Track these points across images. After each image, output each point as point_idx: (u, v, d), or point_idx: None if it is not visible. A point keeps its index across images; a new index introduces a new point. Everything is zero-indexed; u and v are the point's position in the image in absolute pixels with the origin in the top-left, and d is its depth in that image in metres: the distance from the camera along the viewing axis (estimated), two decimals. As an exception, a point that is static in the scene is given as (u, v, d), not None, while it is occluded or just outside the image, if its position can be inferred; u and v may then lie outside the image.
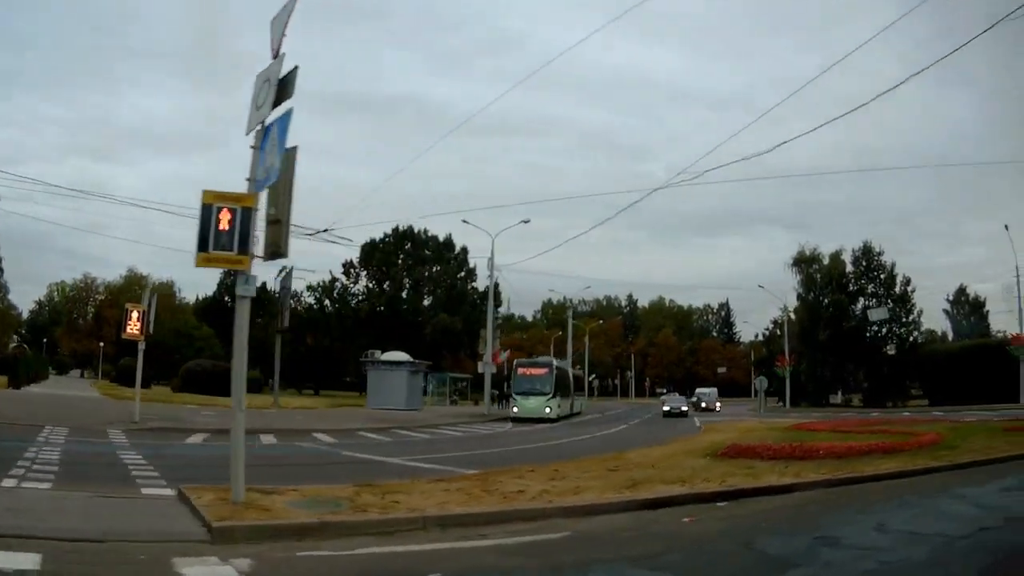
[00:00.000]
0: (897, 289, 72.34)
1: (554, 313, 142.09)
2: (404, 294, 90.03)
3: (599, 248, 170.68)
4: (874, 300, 71.68)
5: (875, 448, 17.55)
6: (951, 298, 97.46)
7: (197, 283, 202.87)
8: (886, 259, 73.12)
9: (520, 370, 47.90)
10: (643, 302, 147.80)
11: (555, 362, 49.20)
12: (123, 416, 28.06)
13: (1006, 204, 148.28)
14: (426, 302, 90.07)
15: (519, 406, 44.94)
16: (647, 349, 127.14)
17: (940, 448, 18.24)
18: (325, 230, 34.02)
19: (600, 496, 11.92)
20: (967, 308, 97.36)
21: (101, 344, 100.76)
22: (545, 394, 45.04)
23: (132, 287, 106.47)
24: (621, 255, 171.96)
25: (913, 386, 73.88)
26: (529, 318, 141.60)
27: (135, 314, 28.08)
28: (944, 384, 64.21)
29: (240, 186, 10.75)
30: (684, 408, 53.01)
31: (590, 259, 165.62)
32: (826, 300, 72.07)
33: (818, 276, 74.28)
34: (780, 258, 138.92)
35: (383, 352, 56.45)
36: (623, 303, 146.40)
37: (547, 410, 44.22)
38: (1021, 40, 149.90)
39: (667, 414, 50.99)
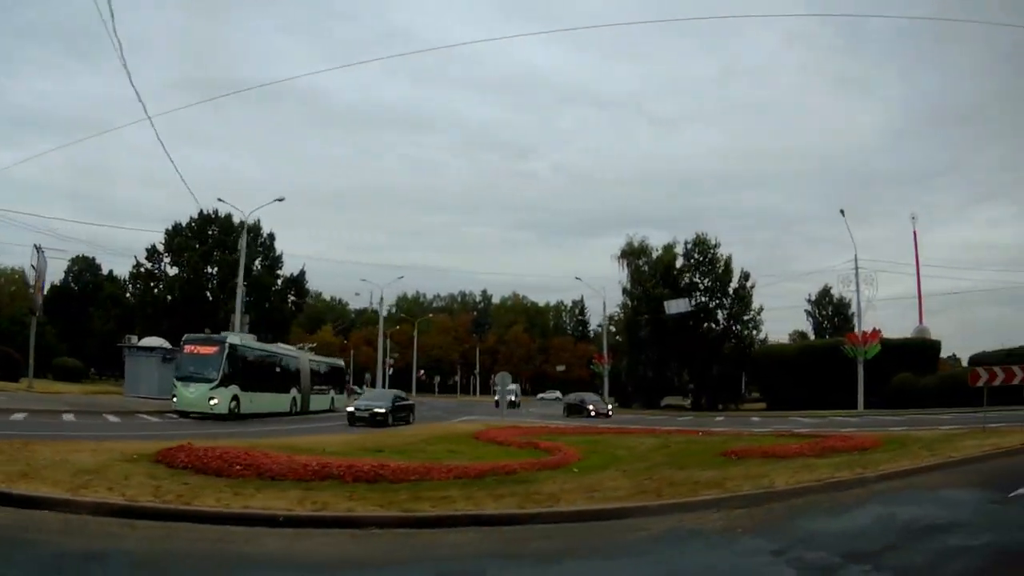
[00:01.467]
0: (734, 284, 64.59)
1: (408, 308, 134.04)
2: (208, 281, 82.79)
3: (487, 247, 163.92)
4: (707, 296, 64.00)
5: (346, 470, 12.14)
6: (813, 299, 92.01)
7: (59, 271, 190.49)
8: (722, 252, 65.21)
9: (187, 348, 35.03)
10: (497, 299, 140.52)
11: (239, 340, 36.66)
12: None
13: (893, 211, 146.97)
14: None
15: (178, 395, 33.34)
16: (497, 346, 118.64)
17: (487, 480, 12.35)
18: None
19: None
20: (830, 309, 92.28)
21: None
22: (209, 381, 32.84)
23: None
24: (508, 254, 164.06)
25: (753, 388, 67.32)
26: (384, 313, 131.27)
27: None
28: (783, 386, 58.16)
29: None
30: (382, 410, 33.77)
31: (477, 257, 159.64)
32: (655, 295, 63.61)
33: (646, 269, 65.77)
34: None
35: (141, 338, 52.11)
36: (478, 299, 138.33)
37: (212, 402, 32.40)
38: (923, 51, 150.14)
39: (355, 419, 33.26)
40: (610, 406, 52.20)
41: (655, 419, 44.72)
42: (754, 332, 64.84)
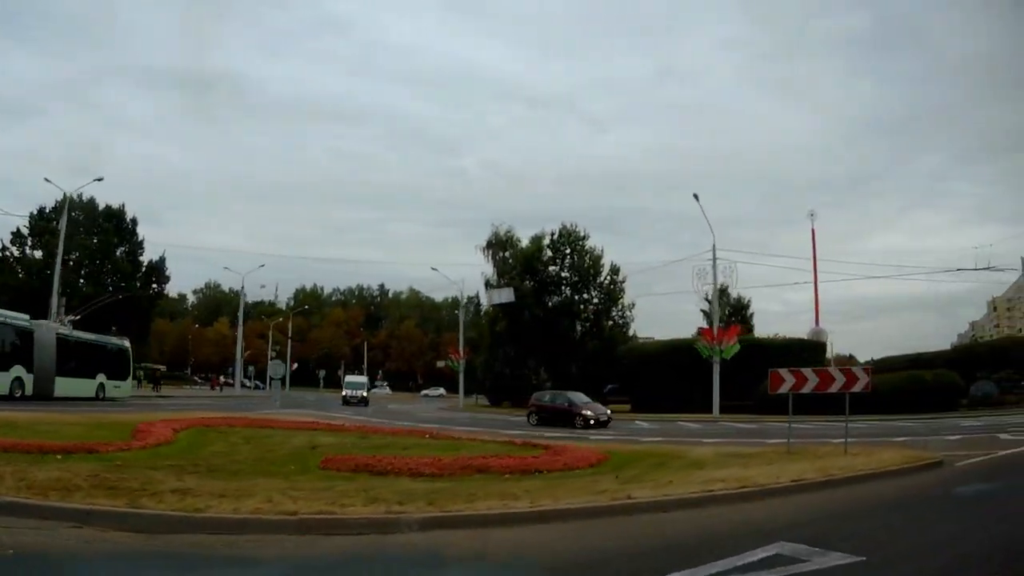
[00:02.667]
0: (604, 279, 58.56)
1: (305, 299, 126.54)
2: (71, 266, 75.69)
3: (409, 243, 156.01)
4: (573, 290, 57.89)
5: None
6: (709, 298, 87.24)
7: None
8: (592, 244, 59.12)
9: None
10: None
11: None
12: None
13: (823, 216, 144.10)
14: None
15: None
16: (389, 341, 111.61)
17: None
18: None
19: None
20: (727, 309, 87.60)
21: None
22: None
23: None
24: (430, 250, 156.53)
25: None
26: (283, 306, 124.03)
27: None
28: (649, 386, 52.01)
29: None
30: None
31: (399, 252, 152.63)
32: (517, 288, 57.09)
33: (511, 261, 59.16)
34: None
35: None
36: (375, 293, 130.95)
37: None
38: (860, 60, 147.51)
39: None
40: (609, 410, 36.52)
41: (479, 417, 39.63)
42: (622, 329, 58.82)
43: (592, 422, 32.67)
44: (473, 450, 15.32)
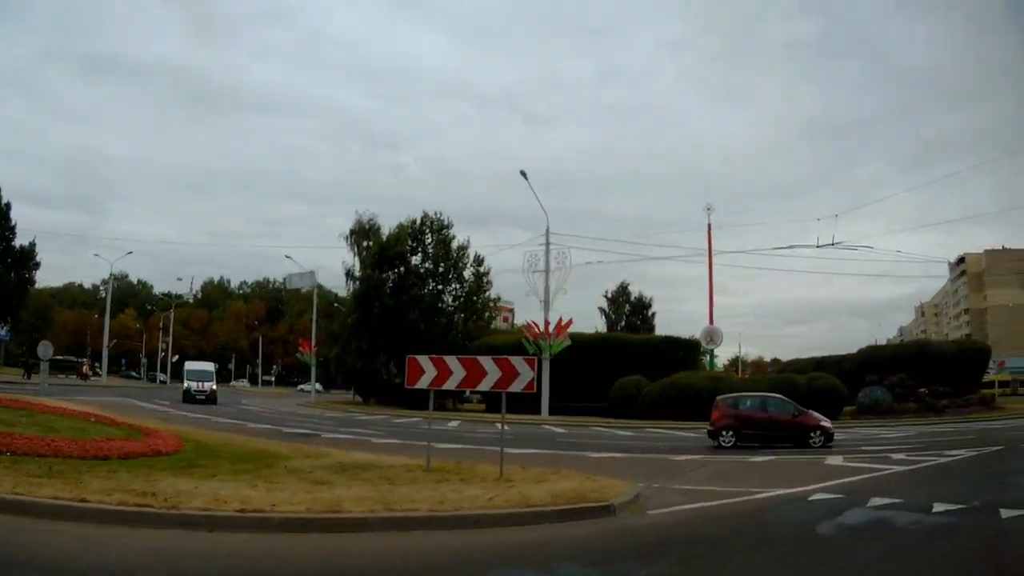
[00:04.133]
0: (468, 272, 55.68)
1: (212, 291, 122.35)
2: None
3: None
4: (433, 281, 54.83)
5: None
6: (610, 296, 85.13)
7: None
8: (457, 233, 55.99)
9: None
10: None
11: None
12: None
13: (762, 220, 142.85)
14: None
15: None
16: (287, 335, 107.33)
17: None
18: None
19: None
20: (628, 307, 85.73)
21: None
22: None
23: None
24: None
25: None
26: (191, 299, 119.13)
27: None
28: None
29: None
30: None
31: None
32: (386, 279, 53.72)
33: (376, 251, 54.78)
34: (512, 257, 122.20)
35: None
36: (279, 286, 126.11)
37: None
38: (803, 67, 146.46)
39: None
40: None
41: (304, 414, 36.13)
42: (480, 324, 55.88)
43: (832, 436, 23.04)
44: (88, 433, 13.86)
